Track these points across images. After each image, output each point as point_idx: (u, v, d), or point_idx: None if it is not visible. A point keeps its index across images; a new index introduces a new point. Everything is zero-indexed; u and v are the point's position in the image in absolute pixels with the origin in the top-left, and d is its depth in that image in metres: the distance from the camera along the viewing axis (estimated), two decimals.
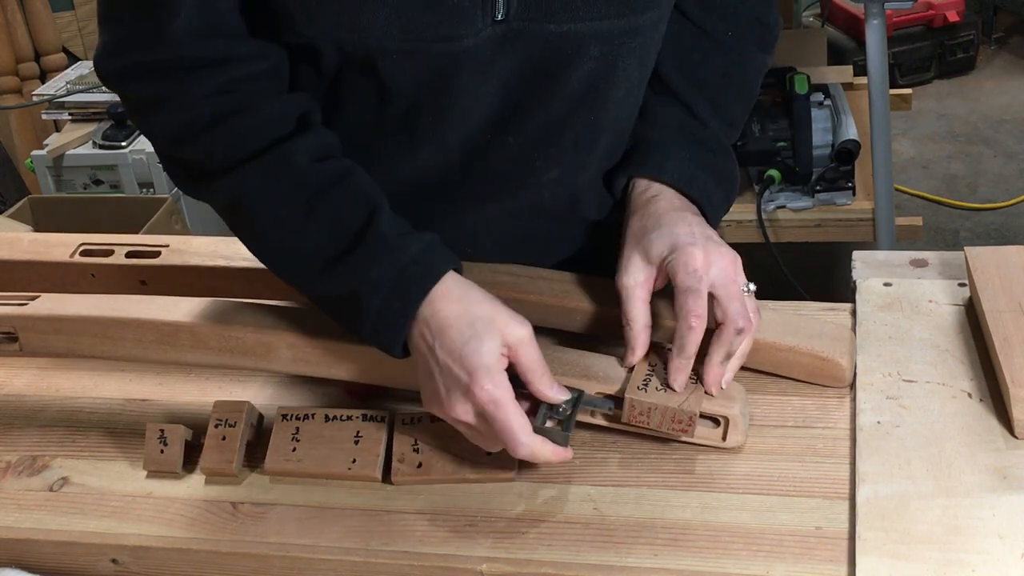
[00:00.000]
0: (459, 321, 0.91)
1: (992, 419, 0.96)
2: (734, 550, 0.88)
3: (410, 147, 1.03)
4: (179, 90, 0.95)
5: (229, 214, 1.00)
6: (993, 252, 1.10)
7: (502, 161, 1.04)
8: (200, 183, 1.00)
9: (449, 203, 1.07)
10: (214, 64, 0.95)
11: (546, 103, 1.00)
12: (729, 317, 0.95)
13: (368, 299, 0.93)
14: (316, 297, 0.99)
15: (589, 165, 1.08)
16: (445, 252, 0.96)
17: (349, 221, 0.95)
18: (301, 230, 0.96)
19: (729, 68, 1.11)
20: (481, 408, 0.90)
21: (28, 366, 1.22)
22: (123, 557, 0.98)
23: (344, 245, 0.94)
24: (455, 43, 0.93)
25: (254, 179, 0.96)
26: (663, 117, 1.08)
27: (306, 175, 0.96)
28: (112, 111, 2.66)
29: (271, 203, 0.96)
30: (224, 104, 0.96)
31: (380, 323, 0.93)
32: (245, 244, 1.02)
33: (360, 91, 1.00)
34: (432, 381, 0.92)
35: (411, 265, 0.93)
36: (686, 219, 1.00)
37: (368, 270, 0.93)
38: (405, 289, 0.93)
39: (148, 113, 1.00)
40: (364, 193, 0.97)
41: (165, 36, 0.93)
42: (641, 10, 0.97)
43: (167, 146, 1.01)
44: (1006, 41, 4.10)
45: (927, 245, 2.92)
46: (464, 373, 0.90)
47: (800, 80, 2.49)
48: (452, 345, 0.90)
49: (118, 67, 0.98)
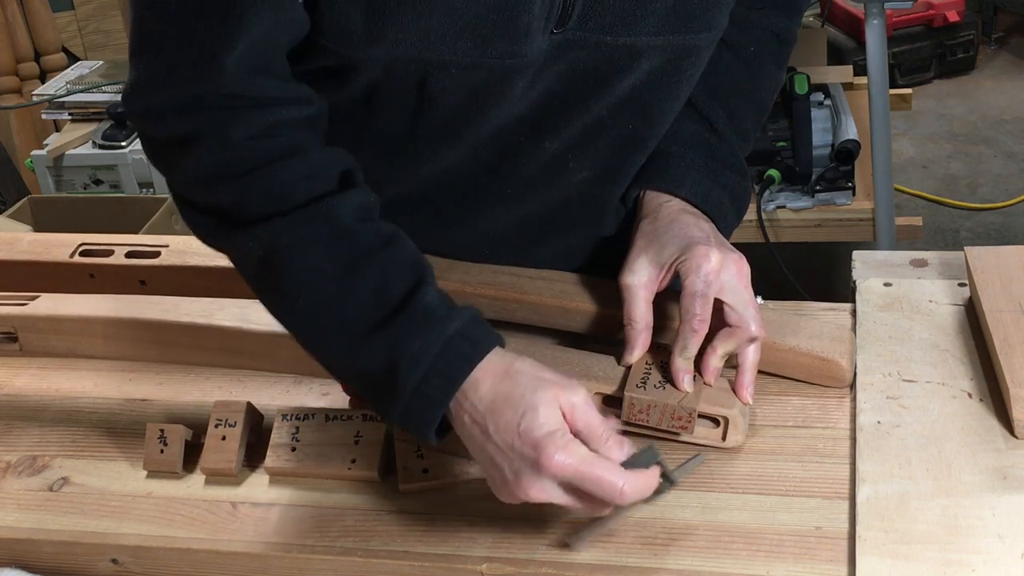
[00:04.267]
0: (511, 397, 0.85)
1: (992, 419, 0.96)
2: (734, 550, 0.88)
3: (442, 151, 1.00)
4: (219, 129, 0.88)
5: (257, 268, 0.91)
6: (993, 252, 1.10)
7: (535, 163, 1.02)
8: (226, 232, 0.92)
9: (474, 203, 1.05)
10: (261, 105, 0.89)
11: (588, 109, 0.99)
12: (744, 323, 0.95)
13: (407, 372, 0.85)
14: (346, 368, 0.92)
15: (621, 175, 1.06)
16: (488, 327, 0.90)
17: (394, 287, 0.88)
18: (341, 291, 0.88)
19: (748, 83, 1.11)
20: (560, 478, 0.83)
21: (28, 366, 1.22)
22: (123, 557, 0.98)
23: (387, 312, 0.87)
24: (517, 59, 0.92)
25: (294, 232, 0.89)
26: (683, 131, 1.07)
27: (352, 233, 0.89)
28: (112, 111, 2.66)
29: (311, 259, 0.89)
30: (267, 149, 0.89)
31: (417, 399, 0.86)
32: (268, 305, 0.94)
33: (397, 104, 0.96)
34: (496, 469, 0.85)
35: (456, 338, 0.86)
36: (699, 224, 1.00)
37: (410, 341, 0.86)
38: (449, 363, 0.86)
39: (178, 152, 0.90)
40: (410, 259, 0.90)
41: (212, 71, 0.86)
42: (698, 30, 0.97)
43: (193, 188, 0.92)
44: (1006, 41, 4.10)
45: (927, 245, 2.92)
46: (529, 449, 0.83)
47: (800, 80, 2.49)
48: (508, 424, 0.84)
49: (153, 104, 0.89)
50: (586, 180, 1.05)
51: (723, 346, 0.96)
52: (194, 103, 0.88)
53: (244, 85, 0.87)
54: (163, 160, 0.93)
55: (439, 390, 0.86)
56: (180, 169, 0.92)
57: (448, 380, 0.86)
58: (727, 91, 1.09)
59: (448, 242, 1.10)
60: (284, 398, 1.12)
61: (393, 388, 0.86)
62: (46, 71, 3.24)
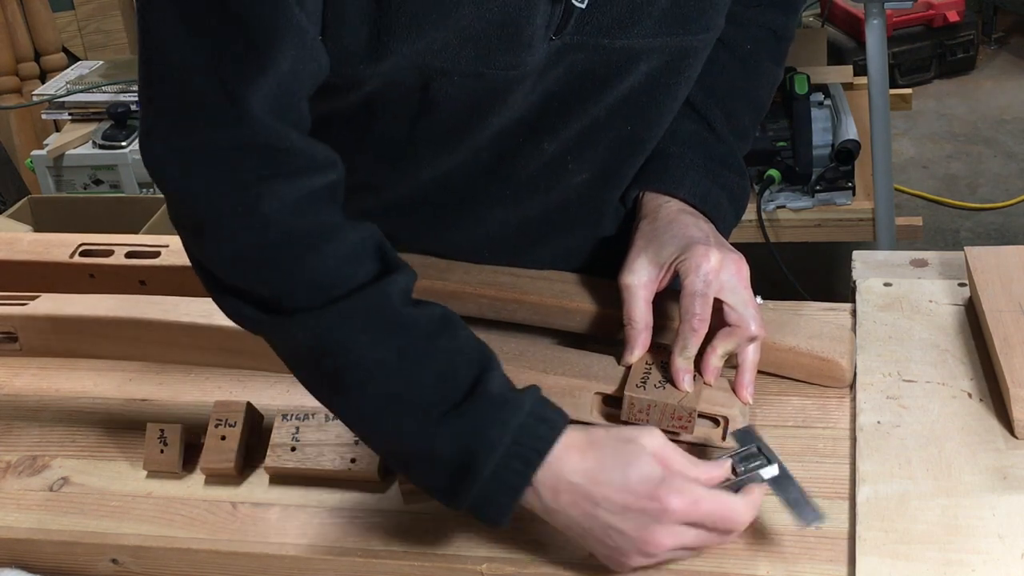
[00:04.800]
0: (606, 462, 0.83)
1: (992, 419, 0.96)
2: (734, 550, 0.88)
3: (442, 155, 0.99)
4: (255, 203, 0.83)
5: (307, 358, 0.88)
6: (993, 252, 1.10)
7: (534, 165, 1.02)
8: (269, 320, 0.87)
9: (473, 204, 1.05)
10: (294, 170, 0.84)
11: (587, 111, 0.98)
12: (744, 322, 0.95)
13: (484, 457, 0.83)
14: (409, 456, 0.87)
15: (619, 177, 1.06)
16: (552, 404, 0.87)
17: (460, 373, 0.86)
18: (405, 382, 0.85)
19: (745, 81, 1.11)
20: (686, 519, 0.83)
21: (28, 366, 1.22)
22: (123, 557, 0.98)
23: (456, 399, 0.84)
24: (519, 70, 0.91)
25: (347, 323, 0.85)
26: (682, 131, 1.07)
27: (406, 320, 0.86)
28: (112, 111, 2.66)
29: (368, 350, 0.85)
30: (305, 229, 0.85)
31: (493, 483, 0.83)
32: (319, 393, 0.90)
33: (397, 110, 0.95)
34: (611, 536, 0.83)
35: (530, 420, 0.84)
36: (699, 224, 1.00)
37: (485, 426, 0.83)
38: (527, 446, 0.84)
39: (207, 221, 0.85)
40: (471, 343, 0.88)
41: (236, 111, 0.81)
42: (696, 31, 0.97)
43: (225, 269, 0.87)
44: (1006, 41, 4.10)
45: (927, 245, 2.91)
46: (649, 502, 0.82)
47: (800, 80, 2.49)
48: (617, 487, 0.83)
49: (172, 155, 0.84)
50: (585, 182, 1.05)
51: (723, 346, 0.96)
52: (221, 156, 0.83)
53: (270, 132, 0.83)
54: (188, 227, 0.88)
55: (517, 474, 0.84)
56: (208, 243, 0.87)
57: (526, 463, 0.83)
58: (724, 90, 1.09)
59: (447, 243, 1.10)
60: (284, 398, 1.12)
61: (466, 474, 0.84)
62: (46, 71, 3.24)
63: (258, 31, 0.80)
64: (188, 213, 0.87)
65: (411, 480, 0.89)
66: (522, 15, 0.88)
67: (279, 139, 0.84)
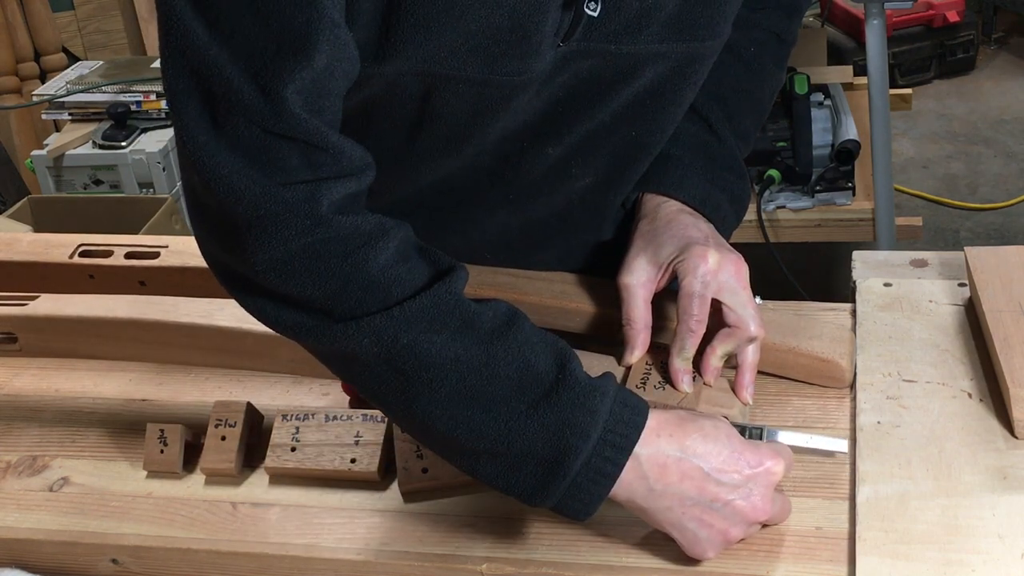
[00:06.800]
0: (706, 437, 0.85)
1: (992, 419, 0.96)
2: (734, 550, 0.88)
3: (444, 160, 0.99)
4: (309, 200, 0.80)
5: (374, 363, 0.84)
6: (993, 252, 1.10)
7: (537, 170, 1.01)
8: (327, 329, 0.83)
9: (475, 208, 1.05)
10: (343, 170, 0.82)
11: (592, 116, 0.98)
12: (743, 323, 0.95)
13: (576, 447, 0.82)
14: (493, 454, 0.84)
15: (622, 182, 1.06)
16: (630, 391, 0.88)
17: (539, 365, 0.84)
18: (484, 378, 0.83)
19: (747, 83, 1.11)
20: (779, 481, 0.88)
21: (28, 366, 1.22)
22: (123, 557, 0.98)
23: (540, 392, 0.84)
24: (525, 76, 0.91)
25: (415, 325, 0.82)
26: (683, 133, 1.07)
27: (474, 317, 0.85)
28: (112, 111, 2.66)
29: (442, 351, 0.83)
30: (357, 229, 0.82)
31: (588, 472, 0.83)
32: (388, 400, 0.86)
33: (397, 116, 0.93)
34: (718, 512, 0.85)
35: (617, 407, 0.84)
36: (698, 224, 1.00)
37: (576, 415, 0.82)
38: (618, 432, 0.83)
39: (252, 225, 0.81)
40: (541, 334, 0.87)
41: (272, 102, 0.78)
42: (703, 38, 0.96)
43: (269, 275, 0.82)
44: (1006, 41, 4.10)
45: (927, 245, 2.92)
46: (755, 469, 0.86)
47: (800, 80, 2.49)
48: (726, 458, 0.85)
49: (220, 158, 0.80)
50: (588, 186, 1.05)
51: (722, 346, 0.96)
52: (266, 154, 0.79)
53: (311, 131, 0.80)
54: (224, 227, 0.82)
55: (610, 462, 0.83)
56: (252, 245, 0.81)
57: (619, 451, 0.83)
58: (726, 92, 1.09)
59: (448, 246, 1.09)
60: (284, 398, 1.12)
61: (558, 467, 0.82)
62: (46, 71, 3.24)
63: (294, 25, 0.78)
64: (229, 212, 0.81)
65: (486, 481, 0.86)
66: (531, 21, 0.87)
67: (322, 139, 0.81)
